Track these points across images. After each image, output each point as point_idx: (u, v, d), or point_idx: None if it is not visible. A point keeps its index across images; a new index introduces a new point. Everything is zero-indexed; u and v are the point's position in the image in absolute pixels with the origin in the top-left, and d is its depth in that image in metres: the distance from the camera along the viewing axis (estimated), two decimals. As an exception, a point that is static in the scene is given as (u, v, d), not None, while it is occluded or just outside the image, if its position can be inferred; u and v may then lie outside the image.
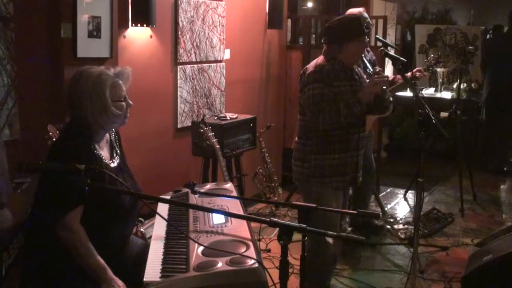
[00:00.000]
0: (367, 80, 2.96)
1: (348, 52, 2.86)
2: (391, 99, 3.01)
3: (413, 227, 3.71)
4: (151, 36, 3.78)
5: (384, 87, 2.83)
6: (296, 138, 3.06)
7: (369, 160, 4.22)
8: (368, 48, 3.86)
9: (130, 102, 2.29)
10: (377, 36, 4.75)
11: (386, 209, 4.98)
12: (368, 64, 3.55)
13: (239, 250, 1.90)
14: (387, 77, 2.95)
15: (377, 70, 2.93)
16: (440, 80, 6.76)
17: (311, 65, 2.92)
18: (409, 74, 4.20)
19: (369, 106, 2.86)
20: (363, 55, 3.06)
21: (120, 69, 2.29)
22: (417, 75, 4.23)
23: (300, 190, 3.11)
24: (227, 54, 4.59)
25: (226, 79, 4.61)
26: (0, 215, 1.82)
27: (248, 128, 4.23)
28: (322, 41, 2.98)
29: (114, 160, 2.28)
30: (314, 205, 1.76)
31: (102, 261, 2.03)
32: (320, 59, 2.93)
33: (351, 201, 4.21)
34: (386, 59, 4.47)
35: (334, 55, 2.87)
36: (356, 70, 3.00)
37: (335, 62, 2.86)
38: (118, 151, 2.36)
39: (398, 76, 4.17)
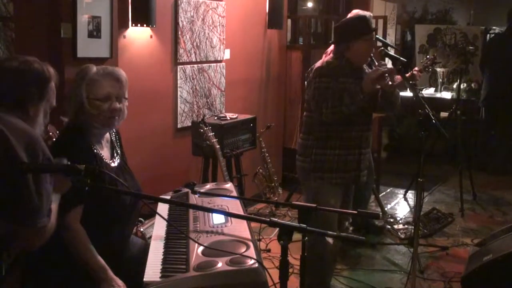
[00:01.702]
0: None
1: (355, 51, 2.89)
2: (399, 97, 3.01)
3: (413, 227, 3.71)
4: (151, 36, 3.78)
5: (386, 73, 2.82)
6: (301, 134, 3.10)
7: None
8: None
9: (117, 105, 2.18)
10: (377, 36, 4.74)
11: (386, 209, 4.97)
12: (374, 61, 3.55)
13: (239, 250, 1.90)
14: (392, 68, 2.92)
15: (382, 63, 2.96)
16: (440, 80, 6.77)
17: (318, 62, 2.97)
18: (409, 74, 4.21)
19: (376, 102, 2.88)
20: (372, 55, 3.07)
21: (110, 69, 2.23)
22: (415, 73, 4.24)
23: (301, 185, 3.13)
24: (227, 54, 4.59)
25: (226, 79, 4.61)
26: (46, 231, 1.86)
27: (248, 128, 4.23)
28: (331, 42, 3.03)
29: (114, 160, 2.28)
30: (314, 205, 1.76)
31: (102, 261, 2.03)
32: (328, 56, 2.97)
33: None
34: (386, 59, 4.47)
35: (342, 54, 2.91)
36: (366, 70, 3.01)
37: (343, 59, 2.90)
38: (119, 151, 2.36)
39: (398, 76, 4.17)
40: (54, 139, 2.45)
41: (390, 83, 2.84)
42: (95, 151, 2.17)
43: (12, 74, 1.89)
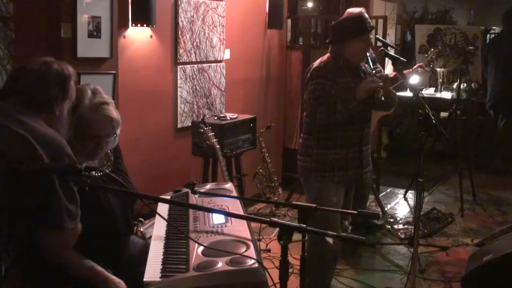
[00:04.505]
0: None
1: (351, 50, 2.90)
2: (396, 98, 3.02)
3: (413, 227, 3.71)
4: (151, 36, 3.78)
5: (380, 88, 2.84)
6: (302, 134, 3.11)
7: None
8: None
9: (103, 145, 2.12)
10: (377, 36, 4.75)
11: (386, 209, 4.97)
12: (370, 63, 3.55)
13: (239, 250, 1.90)
14: (386, 76, 2.96)
15: (378, 69, 2.96)
16: (440, 80, 6.76)
17: (316, 62, 2.98)
18: (408, 71, 4.19)
19: (372, 102, 2.89)
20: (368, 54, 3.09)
21: (104, 109, 2.12)
22: (419, 71, 4.21)
23: (303, 184, 3.14)
24: (227, 54, 4.59)
25: (226, 79, 4.61)
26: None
27: (248, 128, 4.23)
28: (327, 41, 3.03)
29: (103, 168, 2.26)
30: (315, 205, 1.76)
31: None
32: (326, 56, 2.98)
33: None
34: (386, 59, 4.47)
35: (339, 53, 2.91)
36: (363, 68, 3.03)
37: (340, 59, 2.91)
38: (111, 157, 2.34)
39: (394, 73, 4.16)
40: None
41: (382, 98, 2.85)
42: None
43: (36, 77, 1.92)
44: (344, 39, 2.89)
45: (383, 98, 2.85)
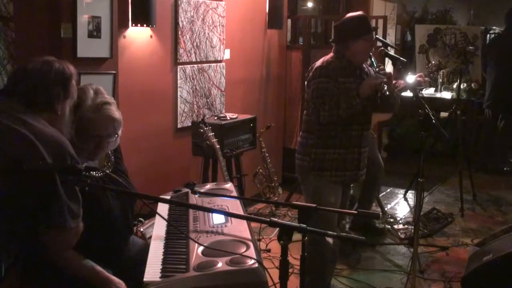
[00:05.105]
0: None
1: (354, 50, 2.91)
2: (399, 100, 3.03)
3: (413, 227, 3.71)
4: (151, 36, 3.78)
5: (384, 83, 2.84)
6: (300, 133, 3.10)
7: (377, 160, 4.24)
8: None
9: (104, 145, 2.13)
10: (377, 36, 4.74)
11: (386, 209, 4.97)
12: (375, 65, 3.57)
13: (239, 250, 1.90)
14: (390, 74, 2.96)
15: (382, 67, 2.97)
16: (440, 80, 6.76)
17: (319, 61, 2.98)
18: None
19: (375, 103, 2.89)
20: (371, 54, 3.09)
21: (106, 109, 2.13)
22: (418, 79, 4.24)
23: (301, 183, 3.14)
24: (227, 54, 4.59)
25: (226, 79, 4.61)
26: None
27: (248, 128, 4.23)
28: (330, 41, 3.03)
29: (103, 168, 2.25)
30: (314, 204, 1.76)
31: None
32: (329, 55, 2.98)
33: (354, 201, 4.23)
34: (386, 59, 4.47)
35: (342, 53, 2.92)
36: (366, 69, 3.03)
37: (343, 59, 2.92)
38: (112, 157, 2.34)
39: (401, 81, 4.18)
40: None
41: (387, 93, 2.85)
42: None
43: (37, 76, 1.93)
44: (348, 39, 2.90)
45: (387, 93, 2.85)
